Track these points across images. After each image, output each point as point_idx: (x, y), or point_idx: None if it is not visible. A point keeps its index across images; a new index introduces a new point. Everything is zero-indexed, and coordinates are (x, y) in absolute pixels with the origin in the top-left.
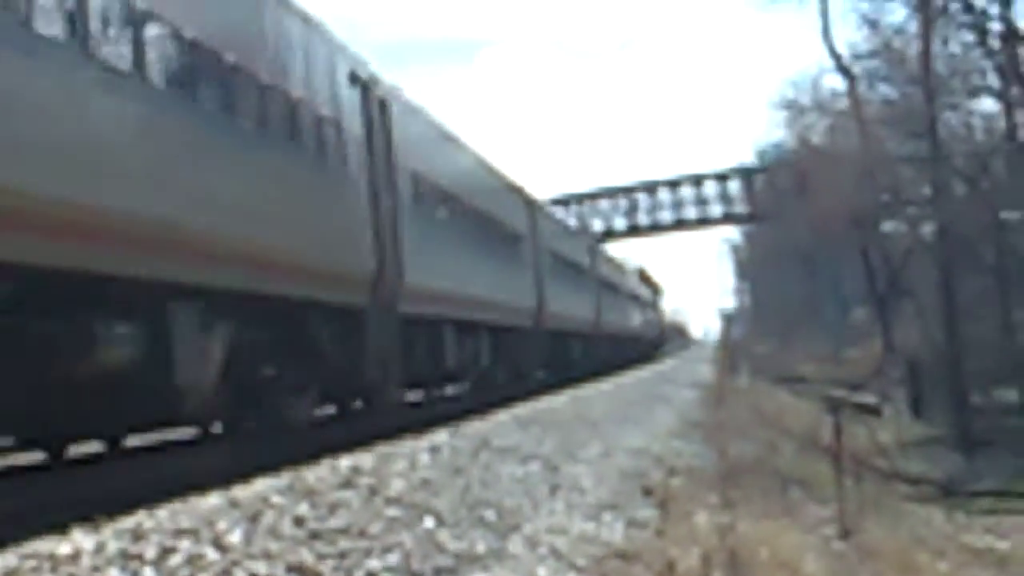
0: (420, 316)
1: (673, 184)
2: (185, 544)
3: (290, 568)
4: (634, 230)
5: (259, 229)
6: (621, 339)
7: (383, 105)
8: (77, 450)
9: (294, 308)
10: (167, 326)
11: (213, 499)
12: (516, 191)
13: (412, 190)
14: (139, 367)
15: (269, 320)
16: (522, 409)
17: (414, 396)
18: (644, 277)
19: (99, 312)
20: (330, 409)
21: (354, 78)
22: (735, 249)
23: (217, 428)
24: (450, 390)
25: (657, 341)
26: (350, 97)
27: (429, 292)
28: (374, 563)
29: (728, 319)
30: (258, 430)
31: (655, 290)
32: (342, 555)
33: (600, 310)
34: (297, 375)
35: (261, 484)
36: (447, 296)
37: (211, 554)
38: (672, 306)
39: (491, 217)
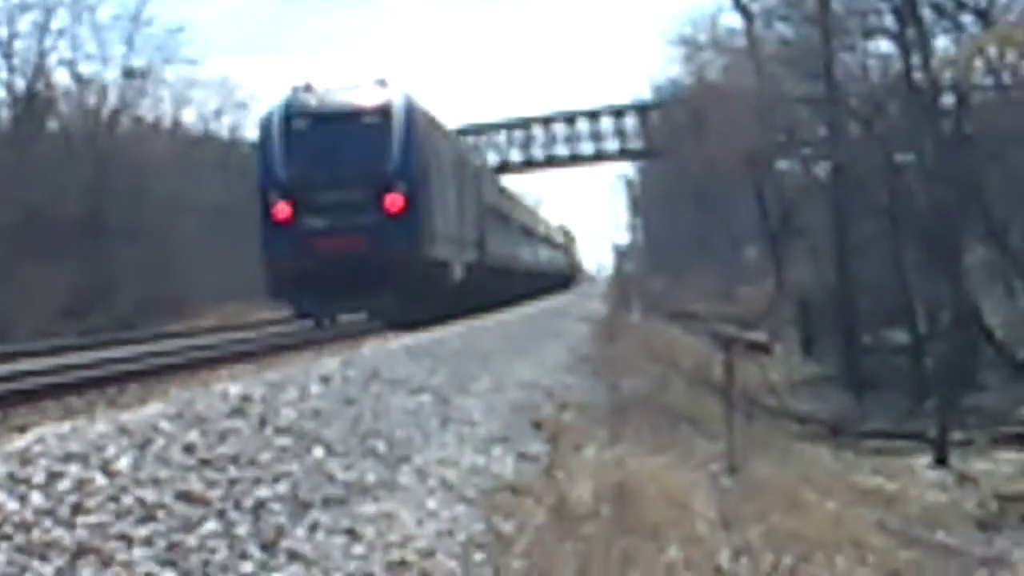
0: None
1: (569, 118)
2: (73, 469)
3: (179, 495)
4: (529, 163)
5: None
6: (548, 274)
7: (481, 174)
8: None
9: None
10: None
11: (101, 425)
12: (520, 201)
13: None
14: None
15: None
16: (411, 340)
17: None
18: (564, 231)
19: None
20: None
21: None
22: (629, 185)
23: None
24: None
25: (570, 276)
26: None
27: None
28: (263, 492)
29: (621, 255)
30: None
31: (570, 239)
32: (231, 483)
33: (539, 257)
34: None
35: (151, 410)
36: (502, 255)
37: (100, 479)
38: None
39: (513, 217)
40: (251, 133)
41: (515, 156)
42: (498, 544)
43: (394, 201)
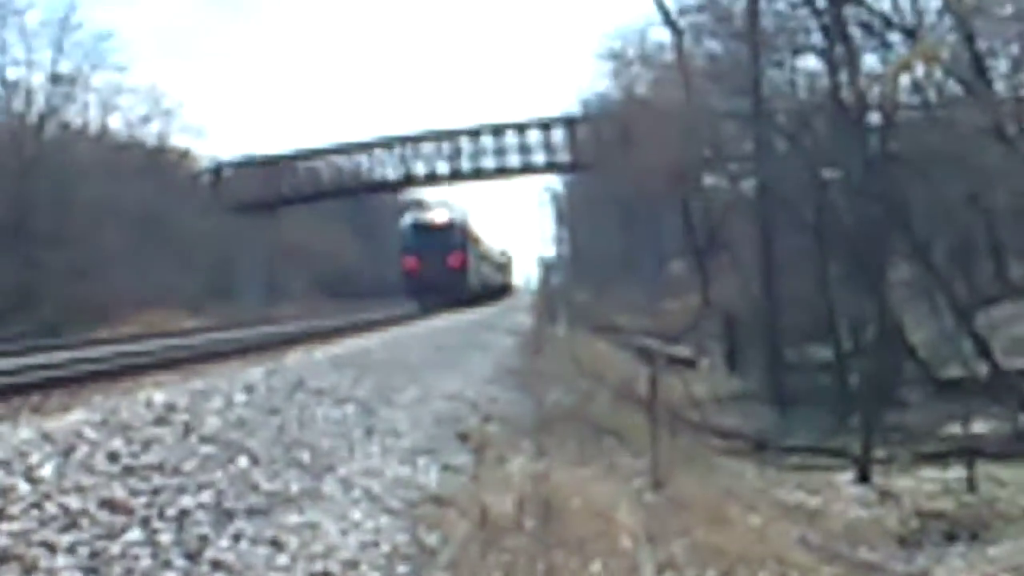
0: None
1: (497, 131)
2: None
3: (102, 503)
4: (457, 175)
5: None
6: (494, 286)
7: (482, 244)
8: None
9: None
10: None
11: (25, 432)
12: (488, 246)
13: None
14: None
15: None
16: (338, 349)
17: None
18: (504, 255)
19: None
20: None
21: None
22: (556, 198)
23: None
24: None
25: (507, 287)
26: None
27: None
28: (187, 500)
29: (547, 268)
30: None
31: (508, 259)
32: (155, 491)
33: (493, 277)
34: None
35: (75, 417)
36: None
37: (23, 486)
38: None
39: (488, 256)
40: (177, 140)
41: (442, 168)
42: (422, 556)
43: (454, 259)
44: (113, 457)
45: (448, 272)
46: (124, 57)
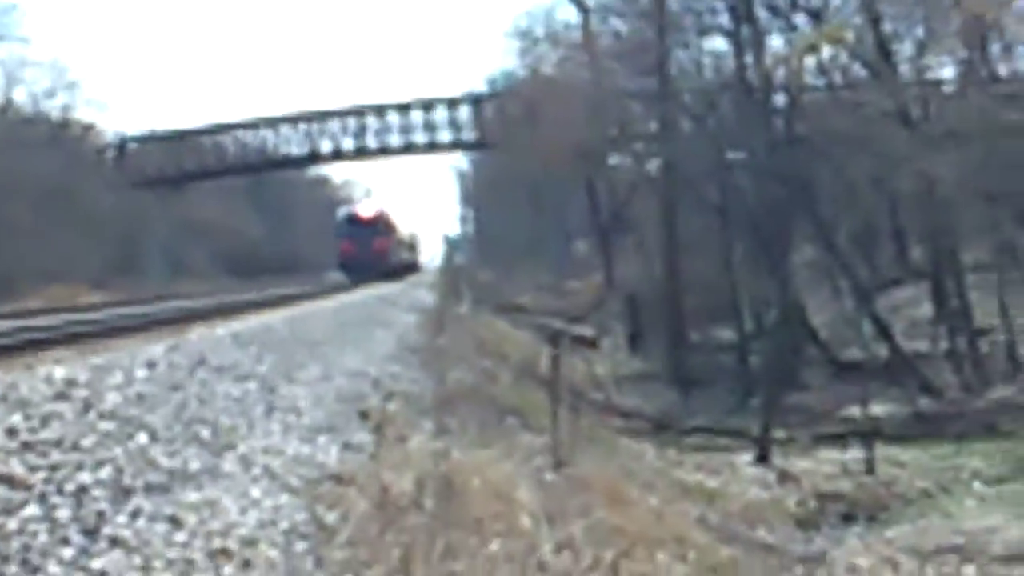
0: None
1: (403, 108)
2: None
3: (0, 478)
4: (362, 152)
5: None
6: (406, 264)
7: (387, 222)
8: None
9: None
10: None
11: None
12: (406, 230)
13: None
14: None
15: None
16: (239, 325)
17: None
18: (412, 236)
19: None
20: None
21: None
22: (462, 176)
23: None
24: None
25: (414, 265)
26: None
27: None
28: (85, 477)
29: (452, 246)
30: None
31: (417, 240)
32: (53, 467)
33: (405, 256)
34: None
35: None
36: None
37: None
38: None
39: (402, 240)
40: (82, 113)
41: (348, 144)
42: (321, 534)
43: (379, 244)
44: (11, 432)
45: (374, 254)
46: (27, 30)
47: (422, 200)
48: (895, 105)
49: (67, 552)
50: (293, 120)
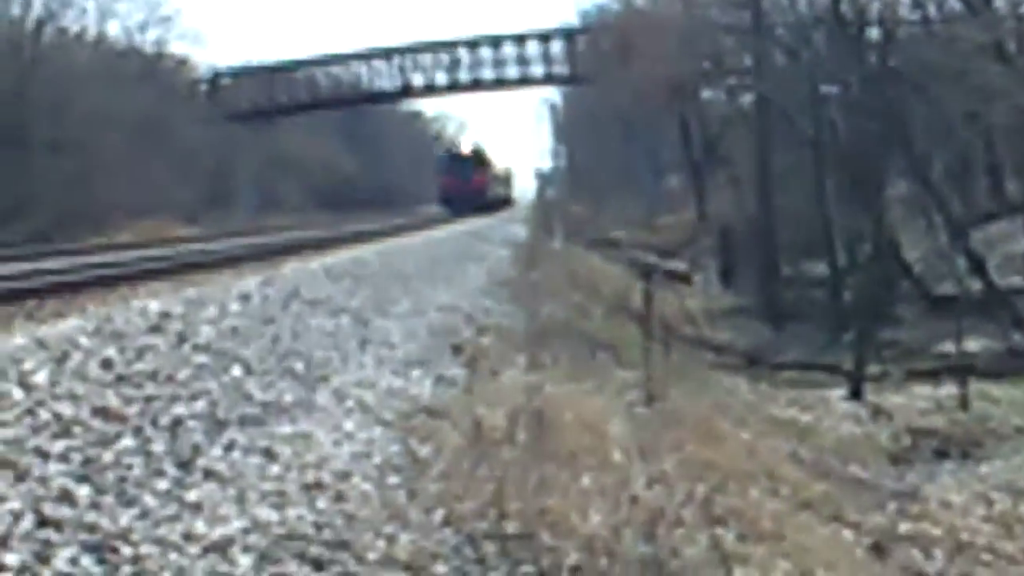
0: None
1: (495, 42)
2: None
3: (95, 411)
4: (455, 86)
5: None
6: (501, 198)
7: (496, 167)
8: None
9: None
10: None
11: (20, 338)
12: (500, 166)
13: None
14: None
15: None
16: (332, 260)
17: None
18: (507, 171)
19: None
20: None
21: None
22: (553, 110)
23: None
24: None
25: (508, 200)
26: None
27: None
28: (180, 409)
29: (544, 180)
30: None
31: (510, 175)
32: (148, 400)
33: (500, 190)
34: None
35: (69, 325)
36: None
37: (16, 393)
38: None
39: (497, 175)
40: (175, 47)
41: (440, 79)
42: (414, 467)
43: (477, 180)
44: (107, 365)
45: (472, 189)
46: None
47: (514, 134)
48: (990, 39)
49: (162, 484)
50: (386, 54)
